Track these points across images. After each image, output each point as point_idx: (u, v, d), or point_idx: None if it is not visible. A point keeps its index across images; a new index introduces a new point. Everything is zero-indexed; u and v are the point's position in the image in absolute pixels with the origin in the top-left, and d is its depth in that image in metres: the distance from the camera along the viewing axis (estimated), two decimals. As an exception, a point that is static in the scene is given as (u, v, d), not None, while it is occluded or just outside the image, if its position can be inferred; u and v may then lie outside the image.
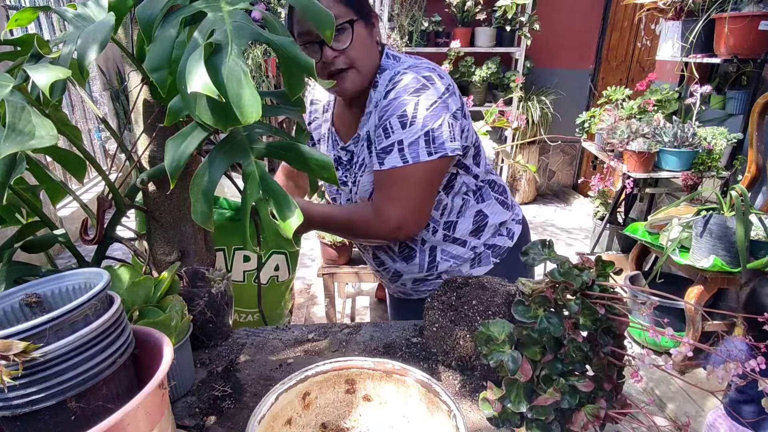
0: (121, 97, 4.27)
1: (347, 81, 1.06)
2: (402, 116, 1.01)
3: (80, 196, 2.71)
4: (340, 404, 0.81)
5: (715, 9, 2.58)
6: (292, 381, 0.77)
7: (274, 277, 1.67)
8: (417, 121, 1.01)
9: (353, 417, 0.82)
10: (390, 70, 1.08)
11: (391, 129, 1.02)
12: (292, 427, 0.77)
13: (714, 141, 2.70)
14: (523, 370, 0.68)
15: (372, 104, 1.10)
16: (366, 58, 1.05)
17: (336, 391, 0.81)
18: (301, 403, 0.79)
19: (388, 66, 1.10)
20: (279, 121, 5.35)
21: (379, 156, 1.04)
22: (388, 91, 1.04)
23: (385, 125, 1.03)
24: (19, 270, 0.87)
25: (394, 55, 1.12)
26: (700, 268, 2.16)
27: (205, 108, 0.67)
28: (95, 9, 0.83)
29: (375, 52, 1.09)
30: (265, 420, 0.71)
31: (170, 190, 1.00)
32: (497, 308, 0.88)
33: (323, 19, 0.76)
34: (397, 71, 1.05)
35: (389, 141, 1.03)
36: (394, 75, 1.05)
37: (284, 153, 0.85)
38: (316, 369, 0.79)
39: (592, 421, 0.67)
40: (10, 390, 0.51)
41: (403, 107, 1.01)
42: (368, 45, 1.06)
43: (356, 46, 1.02)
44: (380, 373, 0.79)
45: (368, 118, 1.11)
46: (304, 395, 0.79)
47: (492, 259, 1.23)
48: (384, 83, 1.07)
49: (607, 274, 0.73)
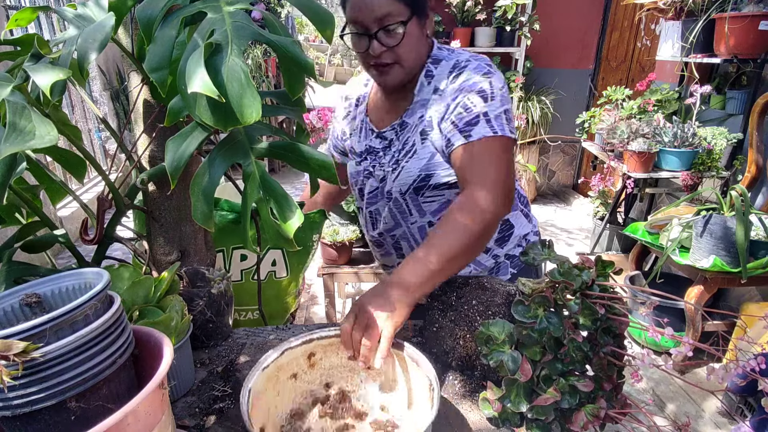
0: (121, 97, 4.27)
1: (390, 75, 1.06)
2: (481, 91, 1.01)
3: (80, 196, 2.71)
4: (343, 369, 0.87)
5: (715, 9, 2.58)
6: (299, 341, 0.83)
7: (272, 272, 1.67)
8: (496, 98, 1.01)
9: (355, 382, 0.88)
10: (447, 60, 1.08)
11: (472, 104, 1.01)
12: (297, 381, 0.84)
13: (714, 141, 2.70)
14: (523, 370, 0.68)
15: (425, 92, 1.09)
16: (413, 54, 1.05)
17: (339, 356, 0.86)
18: (307, 362, 0.85)
19: (444, 57, 1.10)
20: (279, 121, 5.36)
21: (464, 130, 1.01)
22: (456, 76, 1.04)
23: (463, 102, 1.02)
24: (19, 270, 0.87)
25: (447, 48, 1.12)
26: (700, 268, 2.16)
27: (205, 108, 0.67)
28: (95, 9, 0.83)
29: (423, 46, 1.08)
30: (269, 369, 0.78)
31: (170, 191, 1.00)
32: (497, 308, 0.88)
33: (323, 18, 0.76)
34: (459, 60, 1.06)
35: (472, 114, 1.00)
36: (457, 62, 1.06)
37: (284, 153, 0.85)
38: (320, 333, 0.85)
39: (592, 421, 0.67)
40: (10, 390, 0.51)
41: (479, 84, 1.02)
42: (417, 42, 1.05)
43: (405, 44, 1.02)
44: None
45: (419, 107, 1.10)
46: (309, 355, 0.85)
47: (510, 270, 1.23)
48: (444, 72, 1.07)
49: (607, 274, 0.73)
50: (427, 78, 1.09)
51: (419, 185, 1.10)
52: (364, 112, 1.23)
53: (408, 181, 1.11)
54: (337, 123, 1.32)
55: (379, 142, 1.18)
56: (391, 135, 1.16)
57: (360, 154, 1.22)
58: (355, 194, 1.29)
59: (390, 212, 1.18)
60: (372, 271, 2.20)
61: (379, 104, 1.20)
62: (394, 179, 1.13)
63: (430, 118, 1.08)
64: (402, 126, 1.13)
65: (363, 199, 1.24)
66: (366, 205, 1.23)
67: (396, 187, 1.13)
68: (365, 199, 1.23)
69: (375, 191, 1.20)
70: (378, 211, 1.21)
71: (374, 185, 1.19)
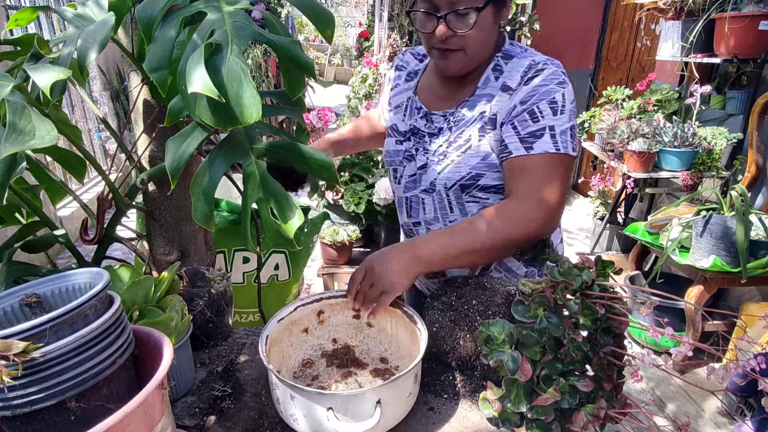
0: (121, 97, 4.27)
1: (451, 61, 1.00)
2: (553, 102, 0.96)
3: (80, 196, 2.71)
4: (348, 326, 1.00)
5: (715, 9, 2.58)
6: (310, 299, 0.95)
7: (274, 276, 1.67)
8: (566, 112, 0.96)
9: (358, 338, 1.00)
10: (519, 58, 1.02)
11: (540, 113, 0.95)
12: (308, 335, 0.97)
13: (714, 141, 2.70)
14: (523, 370, 0.68)
15: (491, 87, 1.03)
16: (481, 44, 0.98)
17: (345, 315, 0.99)
18: (317, 319, 0.97)
19: (516, 53, 1.03)
20: (279, 121, 5.36)
21: (526, 140, 0.96)
22: (530, 78, 0.98)
23: (532, 109, 0.96)
24: (19, 270, 0.87)
25: (520, 45, 1.06)
26: (700, 268, 2.16)
27: (205, 108, 0.67)
28: (95, 9, 0.83)
29: (494, 37, 1.01)
30: (284, 322, 0.90)
31: (170, 191, 1.00)
32: (497, 308, 0.88)
33: (323, 18, 0.76)
34: (535, 60, 1.00)
35: (538, 125, 0.95)
36: (534, 63, 0.99)
37: (284, 153, 0.85)
38: (328, 294, 0.97)
39: (592, 420, 0.67)
40: (10, 390, 0.51)
41: (553, 94, 0.96)
42: (488, 31, 0.98)
43: (474, 32, 0.95)
44: None
45: (483, 101, 1.03)
46: (318, 312, 0.97)
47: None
48: (517, 69, 1.00)
49: (606, 274, 0.74)
50: (494, 72, 1.03)
51: (467, 183, 1.04)
52: (413, 90, 1.16)
53: (455, 177, 1.05)
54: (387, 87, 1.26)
55: (424, 125, 1.11)
56: (441, 123, 1.08)
57: (403, 134, 1.15)
58: (390, 175, 1.23)
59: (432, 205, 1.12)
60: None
61: (434, 88, 1.13)
62: (440, 171, 1.06)
63: (493, 116, 1.01)
64: (457, 117, 1.06)
65: (399, 183, 1.17)
66: (403, 189, 1.16)
67: (441, 179, 1.07)
68: (402, 184, 1.16)
69: (413, 177, 1.13)
70: (416, 199, 1.14)
71: (413, 170, 1.13)
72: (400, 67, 1.22)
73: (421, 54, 1.19)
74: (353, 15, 11.98)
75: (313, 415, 0.71)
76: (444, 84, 1.10)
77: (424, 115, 1.11)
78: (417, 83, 1.16)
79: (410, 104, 1.15)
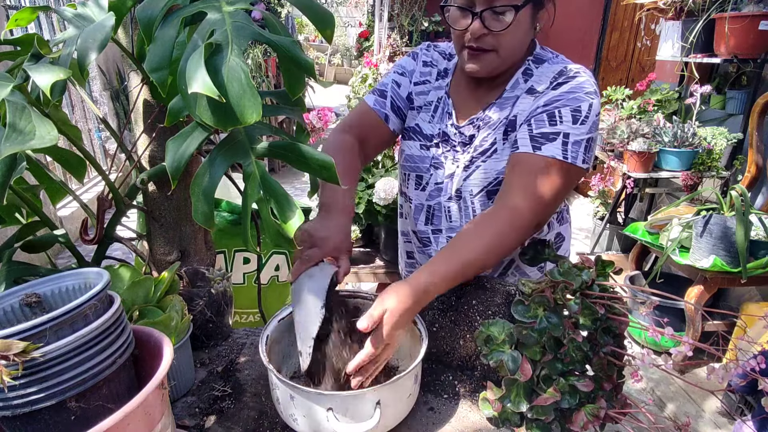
0: (121, 97, 4.27)
1: (483, 62, 0.95)
2: (576, 111, 0.92)
3: (80, 196, 2.71)
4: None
5: (715, 9, 2.58)
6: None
7: (275, 277, 1.67)
8: (588, 123, 0.92)
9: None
10: (551, 63, 0.99)
11: (559, 117, 0.92)
12: None
13: (714, 141, 2.70)
14: (523, 370, 0.68)
15: (518, 90, 1.00)
16: (514, 45, 0.95)
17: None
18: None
19: (548, 58, 1.00)
20: (279, 121, 5.36)
21: (536, 139, 0.92)
22: (560, 83, 0.95)
23: (552, 111, 0.92)
24: (19, 270, 0.87)
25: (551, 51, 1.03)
26: (700, 268, 2.16)
27: (205, 108, 0.67)
28: (95, 9, 0.83)
29: (528, 39, 0.98)
30: (284, 322, 0.88)
31: (171, 191, 1.00)
32: (497, 308, 0.88)
33: (323, 18, 0.76)
34: (568, 67, 0.97)
35: (554, 129, 0.92)
36: (566, 69, 0.96)
37: (285, 153, 0.85)
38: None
39: (592, 420, 0.67)
40: (10, 390, 0.51)
41: (579, 103, 0.92)
42: (524, 33, 0.94)
43: (510, 32, 0.90)
44: None
45: (508, 104, 1.00)
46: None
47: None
48: (547, 74, 0.97)
49: (606, 273, 0.73)
50: (524, 76, 1.00)
51: (493, 189, 1.01)
52: (446, 90, 1.09)
53: (483, 183, 1.01)
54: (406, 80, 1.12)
55: (454, 134, 1.06)
56: (470, 130, 1.04)
57: (429, 137, 1.08)
58: (406, 180, 1.13)
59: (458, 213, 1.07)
60: (371, 271, 2.20)
61: (462, 90, 1.07)
62: (466, 177, 1.03)
63: (515, 116, 0.98)
64: (483, 121, 1.02)
65: (423, 190, 1.10)
66: (427, 197, 1.10)
67: (468, 186, 1.03)
68: (426, 191, 1.10)
69: (440, 185, 1.08)
70: (439, 207, 1.10)
71: (441, 179, 1.07)
72: (429, 63, 1.12)
73: (447, 53, 1.12)
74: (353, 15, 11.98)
75: (312, 415, 0.71)
76: (472, 86, 1.06)
77: (453, 125, 1.06)
78: (450, 83, 1.09)
79: (441, 106, 1.08)
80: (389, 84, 1.12)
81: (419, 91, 1.11)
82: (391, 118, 1.11)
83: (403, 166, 1.13)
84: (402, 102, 1.11)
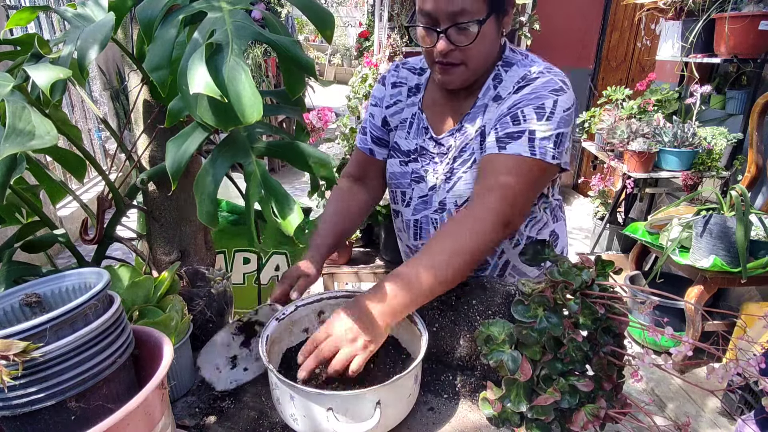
0: (121, 97, 4.27)
1: (453, 75, 0.96)
2: (540, 108, 0.91)
3: (80, 196, 2.71)
4: None
5: (715, 9, 2.58)
6: (310, 299, 0.95)
7: (275, 277, 1.67)
8: (554, 118, 0.91)
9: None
10: (519, 66, 0.99)
11: (523, 117, 0.92)
12: (309, 335, 0.94)
13: (714, 141, 2.70)
14: (523, 370, 0.68)
15: (488, 97, 1.00)
16: (483, 56, 0.95)
17: None
18: (317, 319, 0.96)
19: (516, 61, 1.00)
20: (279, 120, 5.36)
21: (502, 140, 0.92)
22: (521, 87, 0.95)
23: (515, 113, 0.93)
24: (19, 270, 0.87)
25: (520, 51, 1.03)
26: (700, 268, 2.16)
27: (206, 108, 0.67)
28: (95, 9, 0.83)
29: (496, 47, 0.98)
30: (284, 321, 0.89)
31: (171, 191, 1.00)
32: (497, 308, 0.88)
33: (323, 18, 0.76)
34: (530, 71, 0.97)
35: (518, 128, 0.92)
36: (528, 73, 0.97)
37: (284, 152, 0.85)
38: (329, 294, 0.96)
39: (592, 420, 0.67)
40: (10, 390, 0.51)
41: (541, 101, 0.92)
42: (490, 43, 0.95)
43: (477, 45, 0.91)
44: None
45: (480, 111, 1.01)
46: (319, 312, 0.96)
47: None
48: (513, 79, 0.98)
49: (606, 273, 0.73)
50: (494, 81, 1.01)
51: None
52: (418, 105, 1.10)
53: (465, 193, 1.02)
54: (378, 109, 1.15)
55: (433, 146, 1.07)
56: (450, 141, 1.05)
57: (407, 153, 1.10)
58: (394, 197, 1.16)
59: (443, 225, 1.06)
60: (371, 271, 2.20)
61: (438, 102, 1.08)
62: (449, 189, 1.04)
63: (483, 126, 1.00)
64: (461, 132, 1.03)
65: (408, 206, 1.12)
66: (412, 212, 1.12)
67: (451, 198, 1.04)
68: (411, 206, 1.11)
69: (424, 198, 1.09)
70: (425, 221, 1.11)
71: (423, 192, 1.08)
72: (398, 84, 1.13)
73: (418, 67, 1.13)
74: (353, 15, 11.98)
75: (312, 415, 0.71)
76: (447, 98, 1.06)
77: (432, 138, 1.07)
78: (422, 98, 1.10)
79: (416, 122, 1.09)
80: (367, 119, 1.18)
81: (392, 113, 1.14)
82: (375, 150, 1.17)
83: (390, 184, 1.17)
84: (379, 131, 1.16)
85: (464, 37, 0.90)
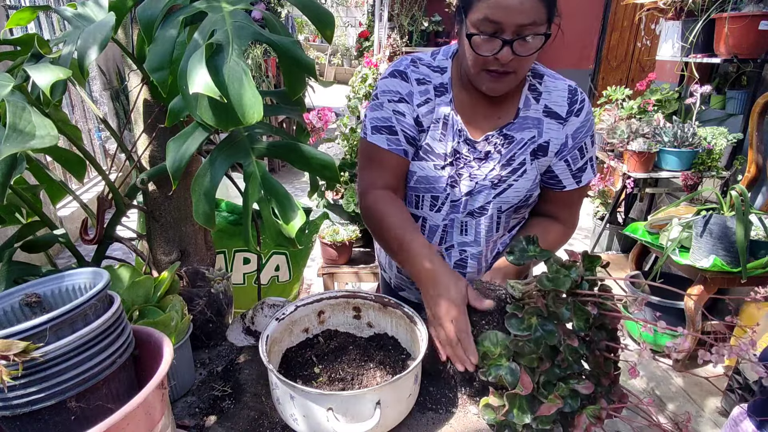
0: (121, 97, 4.27)
1: (504, 83, 0.96)
2: (592, 135, 1.06)
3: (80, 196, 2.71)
4: (349, 326, 0.99)
5: (715, 9, 2.58)
6: (310, 299, 0.95)
7: (275, 277, 1.67)
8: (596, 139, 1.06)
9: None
10: (550, 78, 1.04)
11: (586, 149, 1.05)
12: (309, 335, 0.96)
13: (714, 141, 2.70)
14: (523, 383, 0.68)
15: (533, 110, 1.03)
16: (531, 65, 0.98)
17: (345, 315, 0.99)
18: (317, 319, 0.97)
19: (542, 72, 1.04)
20: (279, 120, 5.36)
21: (576, 176, 1.06)
22: (578, 110, 1.03)
23: (581, 146, 1.04)
24: (19, 270, 0.87)
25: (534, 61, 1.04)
26: (700, 268, 2.16)
27: (206, 108, 0.67)
28: (95, 9, 0.83)
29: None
30: (284, 322, 0.90)
31: (171, 191, 1.00)
32: (491, 316, 0.86)
33: (323, 18, 0.76)
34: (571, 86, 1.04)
35: (584, 159, 1.06)
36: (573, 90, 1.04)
37: (285, 153, 0.85)
38: (329, 294, 0.97)
39: (594, 423, 0.67)
40: (10, 390, 0.51)
41: (593, 127, 1.06)
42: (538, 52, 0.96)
43: (533, 56, 0.94)
44: (379, 305, 0.96)
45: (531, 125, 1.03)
46: (319, 313, 0.97)
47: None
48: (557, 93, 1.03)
49: (593, 268, 0.73)
50: (531, 93, 1.03)
51: (521, 204, 1.07)
52: (451, 106, 1.05)
53: (514, 201, 1.05)
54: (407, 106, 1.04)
55: (467, 150, 1.04)
56: (486, 146, 1.04)
57: (443, 157, 1.05)
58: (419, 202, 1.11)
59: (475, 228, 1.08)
60: (371, 271, 2.20)
61: (467, 104, 1.05)
62: (495, 195, 1.05)
63: (545, 143, 1.03)
64: (506, 139, 1.03)
65: (438, 211, 1.09)
66: (442, 217, 1.09)
67: (497, 203, 1.05)
68: (442, 211, 1.08)
69: (456, 203, 1.07)
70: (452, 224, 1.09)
71: (457, 197, 1.06)
72: (423, 81, 1.06)
73: (435, 65, 1.07)
74: (353, 15, 11.98)
75: (312, 415, 0.71)
76: (477, 100, 1.04)
77: (466, 140, 1.04)
78: (452, 99, 1.05)
79: (450, 123, 1.05)
80: (392, 117, 1.04)
81: (426, 111, 1.05)
82: (409, 151, 1.07)
83: (416, 188, 1.09)
84: (413, 130, 1.05)
85: (525, 48, 0.91)
